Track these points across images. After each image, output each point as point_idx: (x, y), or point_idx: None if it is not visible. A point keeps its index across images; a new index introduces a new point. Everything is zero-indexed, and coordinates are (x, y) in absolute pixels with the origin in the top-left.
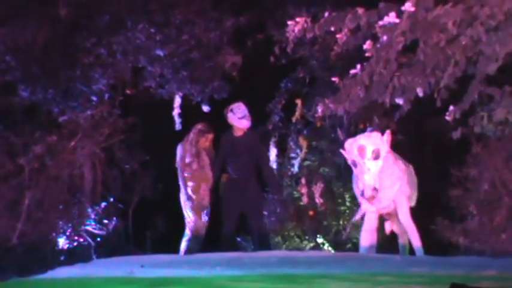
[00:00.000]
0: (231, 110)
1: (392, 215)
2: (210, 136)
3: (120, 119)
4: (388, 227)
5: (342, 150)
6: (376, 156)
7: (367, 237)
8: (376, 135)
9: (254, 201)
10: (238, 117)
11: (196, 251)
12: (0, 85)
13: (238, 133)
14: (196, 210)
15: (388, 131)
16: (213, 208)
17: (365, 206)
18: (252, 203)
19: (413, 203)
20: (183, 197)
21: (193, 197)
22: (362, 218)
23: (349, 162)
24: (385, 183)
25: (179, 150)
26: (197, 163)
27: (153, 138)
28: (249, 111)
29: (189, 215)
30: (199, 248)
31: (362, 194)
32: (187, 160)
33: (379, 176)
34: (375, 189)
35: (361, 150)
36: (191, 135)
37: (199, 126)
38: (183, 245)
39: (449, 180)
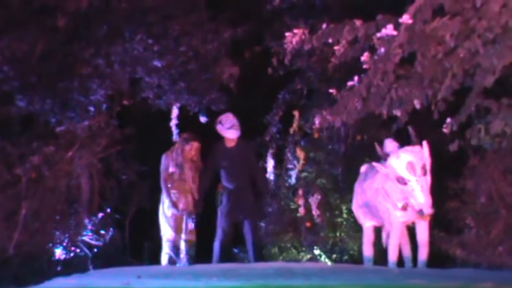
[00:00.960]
0: (220, 122)
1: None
2: (195, 144)
3: (118, 129)
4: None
5: (380, 166)
6: (425, 172)
7: (395, 251)
8: (419, 149)
9: (249, 211)
10: (227, 128)
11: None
12: None
13: (230, 144)
14: (175, 221)
15: (425, 142)
16: (204, 218)
17: (398, 219)
18: (247, 214)
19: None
20: (165, 207)
21: (173, 208)
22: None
23: (393, 178)
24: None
25: (163, 160)
26: (179, 174)
27: (150, 149)
28: (238, 122)
29: (164, 227)
30: (194, 259)
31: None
32: (170, 170)
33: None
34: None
35: (412, 167)
36: (177, 144)
37: (184, 135)
38: (164, 259)
39: (446, 192)
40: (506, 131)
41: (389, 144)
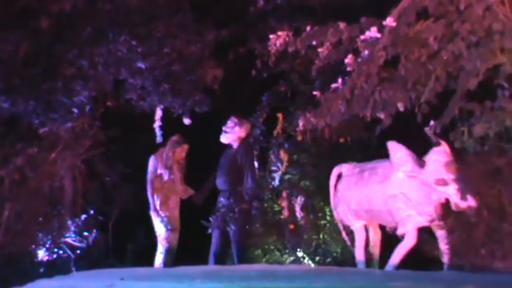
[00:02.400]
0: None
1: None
2: (186, 146)
3: (101, 131)
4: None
5: (415, 170)
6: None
7: (402, 255)
8: (447, 147)
9: (235, 214)
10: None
11: (170, 264)
12: None
13: (232, 146)
14: (166, 222)
15: (443, 142)
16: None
17: (419, 224)
18: (233, 216)
19: None
20: (151, 210)
21: (163, 208)
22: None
23: (431, 182)
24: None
25: (151, 161)
26: (168, 175)
27: (134, 151)
28: (236, 127)
29: (159, 228)
30: (173, 261)
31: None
32: (158, 171)
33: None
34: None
35: (450, 167)
36: (167, 147)
37: (174, 137)
38: (159, 259)
39: None
40: (489, 134)
41: (395, 148)
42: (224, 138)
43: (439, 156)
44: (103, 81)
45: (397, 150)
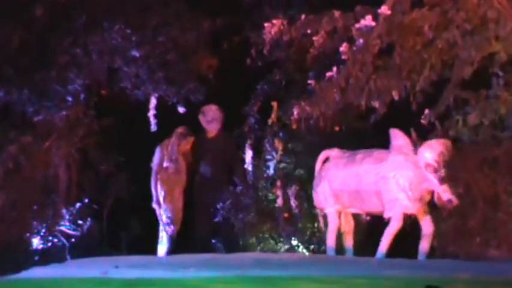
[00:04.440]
0: (202, 112)
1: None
2: (191, 139)
3: (95, 120)
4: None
5: (413, 152)
6: (445, 166)
7: (390, 242)
8: (449, 143)
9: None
10: (208, 120)
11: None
12: None
13: (210, 134)
14: (171, 213)
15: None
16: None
17: (406, 210)
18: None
19: None
20: (153, 202)
21: (167, 199)
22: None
23: (423, 165)
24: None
25: (157, 153)
26: (174, 167)
27: (128, 140)
28: (221, 114)
29: (164, 219)
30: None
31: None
32: (164, 164)
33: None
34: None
35: (443, 157)
36: (173, 138)
37: (180, 129)
38: (162, 248)
39: None
40: (484, 123)
41: (398, 135)
42: (216, 127)
43: (439, 145)
44: (97, 69)
45: (399, 137)
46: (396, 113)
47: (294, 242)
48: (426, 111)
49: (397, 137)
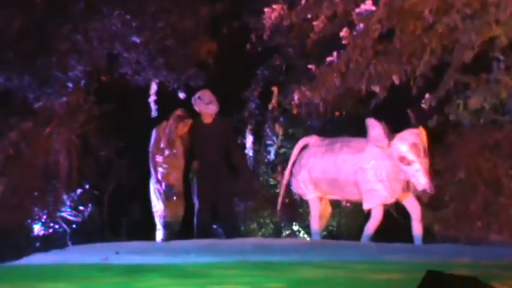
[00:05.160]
0: (198, 97)
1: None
2: (189, 122)
3: (96, 106)
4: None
5: (387, 145)
6: (426, 155)
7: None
8: (422, 132)
9: (224, 188)
10: (206, 103)
11: (172, 238)
12: None
13: (207, 120)
14: (166, 196)
15: (422, 128)
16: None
17: (384, 200)
18: (222, 190)
19: None
20: (152, 183)
21: (163, 182)
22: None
23: (396, 158)
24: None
25: (154, 134)
26: (170, 150)
27: (128, 126)
28: (215, 98)
29: (158, 203)
30: (177, 235)
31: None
32: (161, 145)
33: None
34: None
35: (416, 148)
36: (170, 121)
37: (178, 112)
38: (159, 235)
39: None
40: (485, 107)
41: (374, 125)
42: (216, 108)
43: (410, 136)
44: (97, 55)
45: (375, 127)
46: (396, 97)
47: (295, 228)
48: (427, 95)
49: (373, 127)
